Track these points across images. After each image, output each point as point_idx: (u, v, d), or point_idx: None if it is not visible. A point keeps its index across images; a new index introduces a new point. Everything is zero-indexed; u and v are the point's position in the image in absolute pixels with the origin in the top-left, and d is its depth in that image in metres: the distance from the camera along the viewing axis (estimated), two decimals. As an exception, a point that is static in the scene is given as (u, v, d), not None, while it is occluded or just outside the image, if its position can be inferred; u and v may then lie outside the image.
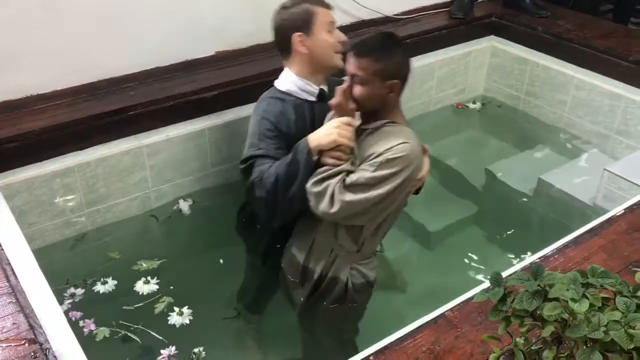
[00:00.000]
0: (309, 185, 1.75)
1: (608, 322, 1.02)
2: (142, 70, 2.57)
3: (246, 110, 2.63)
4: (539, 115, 3.32)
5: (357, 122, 1.81)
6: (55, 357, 1.37)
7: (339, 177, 1.72)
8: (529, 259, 1.73)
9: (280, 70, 2.72)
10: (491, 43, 3.49)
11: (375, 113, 1.80)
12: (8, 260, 1.74)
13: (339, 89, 1.77)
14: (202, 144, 2.56)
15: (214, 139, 2.57)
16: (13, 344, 1.37)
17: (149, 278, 2.25)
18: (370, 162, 1.71)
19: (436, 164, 2.98)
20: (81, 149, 2.31)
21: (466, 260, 2.35)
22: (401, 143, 1.69)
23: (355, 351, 1.46)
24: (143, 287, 2.23)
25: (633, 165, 2.52)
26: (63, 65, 2.39)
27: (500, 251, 2.41)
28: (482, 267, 2.25)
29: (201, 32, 2.70)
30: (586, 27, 3.28)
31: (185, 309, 2.14)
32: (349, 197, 1.69)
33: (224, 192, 2.67)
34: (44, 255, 2.00)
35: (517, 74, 3.39)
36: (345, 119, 1.76)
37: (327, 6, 2.02)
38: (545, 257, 1.70)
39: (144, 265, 2.31)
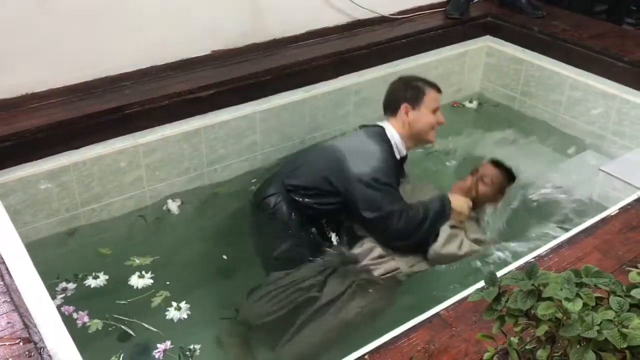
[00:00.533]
0: (444, 227, 2.26)
1: (601, 322, 1.02)
2: (137, 69, 2.57)
3: (242, 109, 2.64)
4: (534, 115, 3.33)
5: None
6: (49, 356, 1.37)
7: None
8: (524, 258, 1.73)
9: (277, 70, 2.75)
10: (487, 43, 3.49)
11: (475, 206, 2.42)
12: (2, 259, 1.74)
13: (470, 181, 2.43)
14: (198, 143, 2.55)
15: (209, 138, 2.57)
16: (7, 343, 1.37)
17: (143, 272, 2.25)
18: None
19: (432, 163, 2.99)
20: (76, 147, 2.31)
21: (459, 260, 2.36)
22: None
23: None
24: (138, 281, 2.23)
25: (628, 165, 2.53)
26: (58, 63, 2.38)
27: (494, 251, 2.41)
28: (476, 266, 2.26)
29: (197, 31, 2.69)
30: (581, 27, 3.29)
31: (183, 304, 2.14)
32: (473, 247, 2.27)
33: (220, 191, 2.67)
34: (36, 252, 2.00)
35: (512, 74, 3.39)
36: (469, 201, 2.36)
37: (438, 90, 2.48)
38: (539, 257, 1.71)
39: (137, 261, 2.31)
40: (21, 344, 1.37)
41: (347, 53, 2.97)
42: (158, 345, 2.00)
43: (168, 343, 2.00)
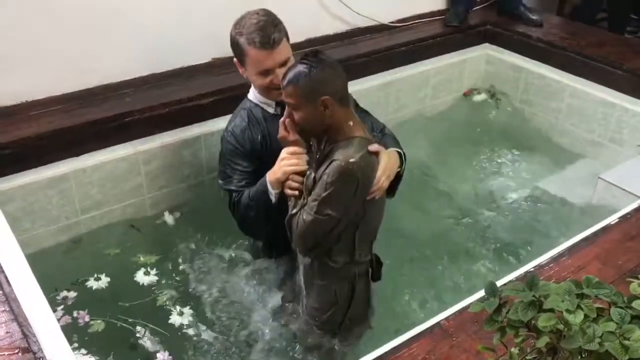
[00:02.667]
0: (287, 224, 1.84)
1: (603, 333, 1.02)
2: (138, 76, 2.58)
3: (242, 117, 2.64)
4: (534, 123, 3.33)
5: (302, 148, 1.83)
6: (48, 365, 1.37)
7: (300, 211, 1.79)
8: (524, 268, 1.73)
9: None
10: (486, 51, 3.50)
11: (328, 133, 1.80)
12: (2, 267, 1.73)
13: (280, 122, 1.81)
14: (198, 151, 2.55)
15: (209, 145, 2.56)
16: (6, 353, 1.36)
17: (148, 269, 2.25)
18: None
19: (431, 172, 2.98)
20: (76, 155, 2.31)
21: (461, 269, 2.36)
22: (333, 161, 1.71)
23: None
24: (143, 278, 2.23)
25: (627, 173, 2.54)
26: (59, 71, 2.39)
27: (495, 260, 2.41)
28: (477, 275, 2.26)
29: (197, 39, 2.70)
30: (580, 35, 3.31)
31: (186, 309, 2.13)
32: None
33: (220, 198, 2.67)
34: (36, 261, 1.99)
35: (511, 81, 3.40)
36: (290, 148, 1.80)
37: (264, 45, 1.90)
38: (540, 266, 1.71)
39: (142, 259, 2.31)
40: (20, 354, 1.37)
41: (347, 61, 2.97)
42: (158, 354, 1.99)
43: (166, 354, 1.99)
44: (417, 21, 3.40)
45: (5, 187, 2.17)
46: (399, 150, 1.93)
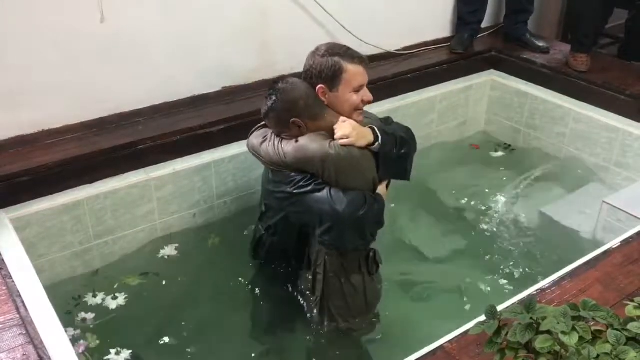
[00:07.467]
0: None
1: (598, 355, 1.05)
2: (150, 105, 2.64)
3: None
4: (539, 147, 3.37)
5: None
6: (64, 387, 1.41)
7: None
8: (526, 291, 1.76)
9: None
10: (491, 77, 3.56)
11: None
12: (19, 292, 1.79)
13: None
14: (208, 177, 2.61)
15: (219, 172, 2.63)
16: (24, 375, 1.40)
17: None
18: None
19: (434, 194, 3.02)
20: (91, 182, 2.36)
21: (464, 292, 2.38)
22: None
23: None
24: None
25: (631, 197, 2.56)
26: (74, 100, 2.45)
27: (498, 283, 2.43)
28: (479, 299, 2.27)
29: (208, 68, 2.77)
30: (584, 61, 3.35)
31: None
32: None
33: (229, 224, 2.72)
34: (51, 286, 2.03)
35: (517, 107, 3.45)
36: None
37: (362, 62, 2.05)
38: (542, 290, 1.74)
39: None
40: (37, 375, 1.41)
41: (354, 88, 3.03)
42: None
43: None
44: (422, 49, 3.46)
45: (22, 214, 2.22)
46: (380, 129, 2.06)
